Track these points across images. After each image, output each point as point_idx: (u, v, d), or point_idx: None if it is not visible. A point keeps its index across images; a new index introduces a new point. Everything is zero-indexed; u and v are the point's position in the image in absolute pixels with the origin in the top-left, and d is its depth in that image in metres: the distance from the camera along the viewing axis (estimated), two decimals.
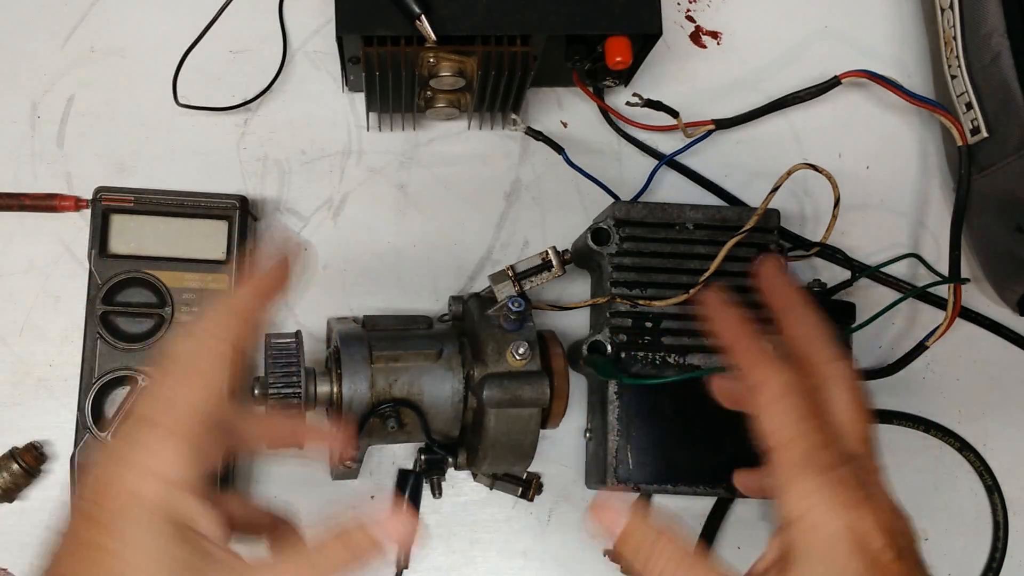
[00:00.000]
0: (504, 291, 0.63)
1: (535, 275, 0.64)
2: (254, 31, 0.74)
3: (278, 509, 0.53)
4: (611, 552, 0.72)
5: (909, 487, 0.74)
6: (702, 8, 0.78)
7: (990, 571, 0.73)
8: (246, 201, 0.69)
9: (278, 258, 0.49)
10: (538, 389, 0.62)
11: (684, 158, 0.75)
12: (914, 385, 0.75)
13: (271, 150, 0.74)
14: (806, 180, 0.74)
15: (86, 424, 0.66)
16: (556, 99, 0.76)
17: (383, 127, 0.74)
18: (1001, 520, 0.74)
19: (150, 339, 0.67)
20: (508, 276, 0.64)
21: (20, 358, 0.71)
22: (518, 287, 0.63)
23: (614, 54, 0.64)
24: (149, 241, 0.68)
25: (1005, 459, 0.74)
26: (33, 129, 0.73)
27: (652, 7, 0.64)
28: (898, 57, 0.78)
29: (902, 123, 0.77)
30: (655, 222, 0.68)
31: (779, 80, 0.76)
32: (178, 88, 0.71)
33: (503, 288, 0.63)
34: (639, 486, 0.67)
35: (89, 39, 0.74)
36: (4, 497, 0.68)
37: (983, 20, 0.69)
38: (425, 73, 0.65)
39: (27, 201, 0.71)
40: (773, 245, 0.68)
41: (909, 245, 0.76)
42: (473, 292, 0.68)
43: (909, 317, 0.75)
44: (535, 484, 0.71)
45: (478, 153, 0.75)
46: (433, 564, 0.71)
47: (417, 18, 0.61)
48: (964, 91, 0.71)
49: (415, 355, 0.63)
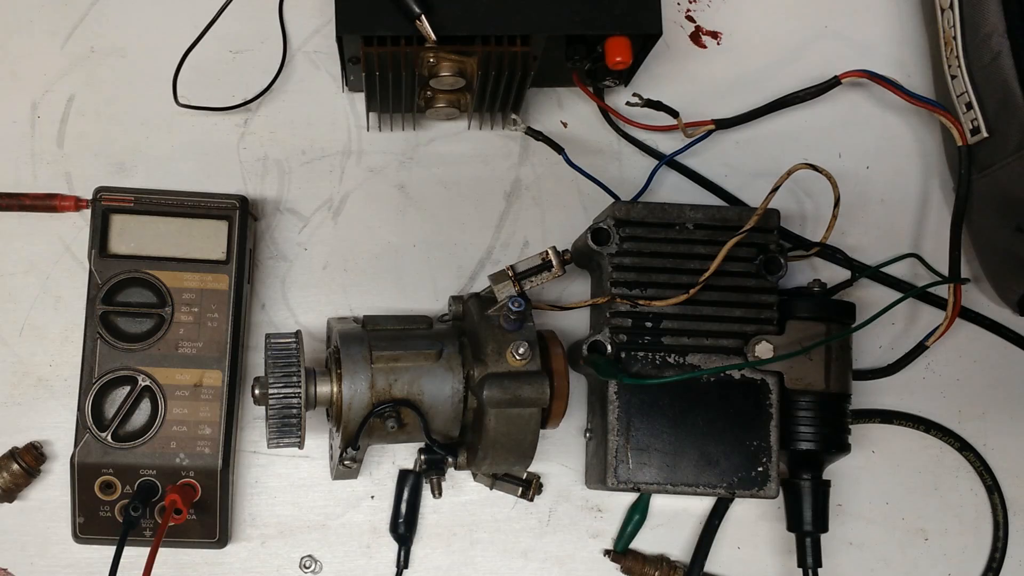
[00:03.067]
0: (504, 291, 0.63)
1: (535, 275, 0.64)
2: (254, 31, 0.74)
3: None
4: (611, 552, 0.72)
5: (909, 487, 0.74)
6: (702, 8, 0.78)
7: (990, 571, 0.73)
8: (246, 201, 0.69)
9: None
10: (538, 389, 0.62)
11: (684, 158, 0.75)
12: (914, 385, 0.75)
13: (271, 150, 0.74)
14: (806, 180, 0.74)
15: (86, 424, 0.66)
16: (556, 99, 0.76)
17: (383, 127, 0.74)
18: (1001, 520, 0.74)
19: (150, 339, 0.67)
20: (508, 276, 0.63)
21: (20, 358, 0.71)
22: (518, 287, 0.63)
23: (614, 54, 0.64)
24: (149, 241, 0.68)
25: (1005, 459, 0.74)
26: (33, 129, 0.73)
27: (652, 7, 0.64)
28: (898, 57, 0.78)
29: (902, 123, 0.77)
30: (655, 222, 0.68)
31: (779, 80, 0.76)
32: (178, 88, 0.71)
33: (503, 288, 0.63)
34: (639, 486, 0.67)
35: (89, 39, 0.74)
36: (4, 497, 0.68)
37: (983, 20, 0.69)
38: (425, 73, 0.65)
39: (27, 201, 0.71)
40: (773, 245, 0.68)
41: (909, 245, 0.76)
42: (473, 292, 0.68)
43: (909, 317, 0.75)
44: (535, 484, 0.71)
45: (478, 153, 0.75)
46: (433, 564, 0.71)
47: (417, 18, 0.61)
48: (964, 91, 0.71)
49: (415, 355, 0.63)
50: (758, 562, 0.73)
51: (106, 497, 0.66)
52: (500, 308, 0.63)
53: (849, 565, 0.73)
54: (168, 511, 0.63)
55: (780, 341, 0.67)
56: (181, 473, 0.66)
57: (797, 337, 0.67)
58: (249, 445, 0.71)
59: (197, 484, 0.66)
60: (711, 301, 0.68)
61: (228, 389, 0.67)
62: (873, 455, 0.74)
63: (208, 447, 0.67)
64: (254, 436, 0.71)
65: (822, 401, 0.68)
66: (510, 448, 0.63)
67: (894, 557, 0.74)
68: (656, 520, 0.72)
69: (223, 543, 0.68)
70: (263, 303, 0.72)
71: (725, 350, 0.68)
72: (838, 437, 0.68)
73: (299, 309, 0.72)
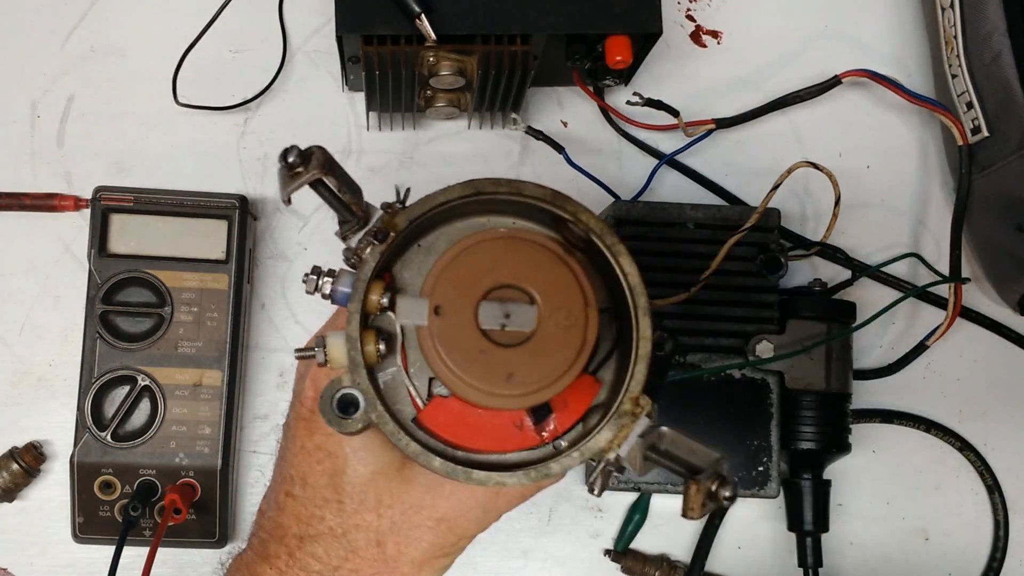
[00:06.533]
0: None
1: None
2: (254, 31, 0.74)
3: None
4: (611, 552, 0.72)
5: (909, 487, 0.74)
6: (702, 7, 0.77)
7: (990, 571, 0.73)
8: (246, 201, 0.69)
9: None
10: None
11: (684, 157, 0.75)
12: (914, 385, 0.75)
13: (271, 150, 0.74)
14: (806, 179, 0.74)
15: (86, 424, 0.66)
16: (556, 98, 0.76)
17: (383, 127, 0.73)
18: (1001, 520, 0.74)
19: (150, 339, 0.67)
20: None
21: (20, 358, 0.71)
22: None
23: (614, 53, 0.64)
24: (149, 241, 0.68)
25: (1005, 459, 0.74)
26: (33, 129, 0.73)
27: (652, 6, 0.64)
28: (898, 56, 0.78)
29: (902, 122, 0.77)
30: (655, 221, 0.68)
31: (779, 79, 0.76)
32: (178, 88, 0.71)
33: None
34: (639, 486, 0.67)
35: (89, 39, 0.74)
36: (4, 497, 0.68)
37: (984, 19, 0.69)
38: (425, 72, 0.65)
39: (27, 201, 0.71)
40: (773, 244, 0.68)
41: (909, 244, 0.76)
42: None
43: (909, 317, 0.75)
44: None
45: (478, 153, 0.75)
46: None
47: (417, 17, 0.60)
48: (965, 90, 0.71)
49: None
50: (758, 562, 0.73)
51: (106, 497, 0.66)
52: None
53: (849, 565, 0.73)
54: (168, 511, 0.63)
55: (780, 340, 0.67)
56: (181, 473, 0.66)
57: (797, 336, 0.67)
58: (249, 445, 0.71)
59: (197, 484, 0.66)
60: (711, 300, 0.67)
61: (228, 389, 0.67)
62: (873, 455, 0.74)
63: (208, 447, 0.67)
64: (254, 436, 0.71)
65: (823, 401, 0.68)
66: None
67: (894, 557, 0.73)
68: (656, 520, 0.72)
69: (223, 543, 0.68)
70: (263, 303, 0.72)
71: (725, 349, 0.67)
72: (839, 437, 0.68)
73: (299, 309, 0.72)
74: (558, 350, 0.43)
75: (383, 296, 0.45)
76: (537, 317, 0.43)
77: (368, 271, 0.45)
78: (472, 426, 0.46)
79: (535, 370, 0.43)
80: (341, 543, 0.51)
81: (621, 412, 0.44)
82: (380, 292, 0.45)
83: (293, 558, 0.51)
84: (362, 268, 0.45)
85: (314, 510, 0.51)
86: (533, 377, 0.43)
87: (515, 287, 0.44)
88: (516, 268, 0.44)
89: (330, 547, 0.51)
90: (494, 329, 0.43)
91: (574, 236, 0.46)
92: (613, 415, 0.44)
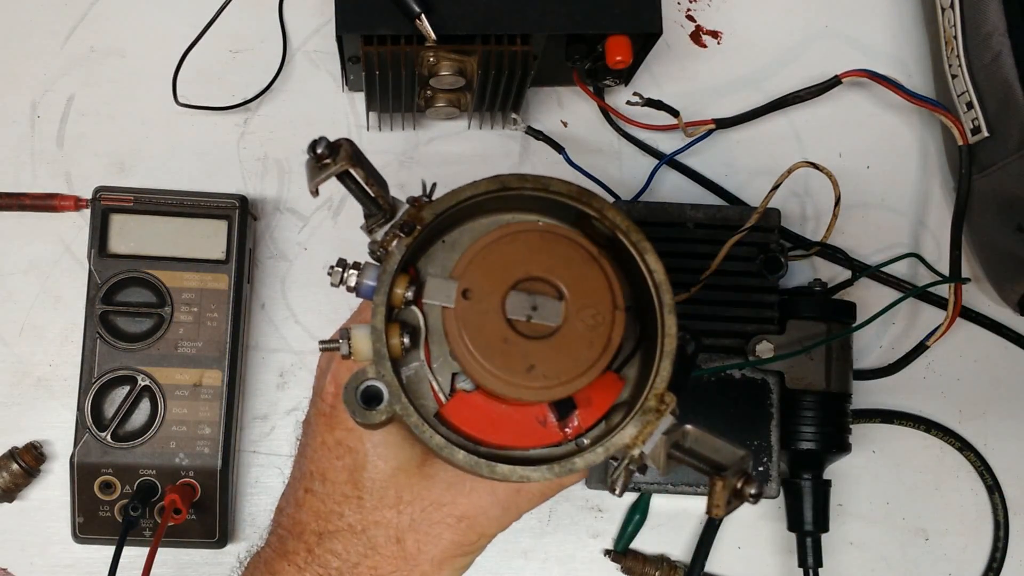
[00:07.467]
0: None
1: None
2: (254, 31, 0.74)
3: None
4: (611, 552, 0.72)
5: (909, 487, 0.74)
6: (702, 7, 0.77)
7: (990, 571, 0.73)
8: (246, 201, 0.69)
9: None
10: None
11: (684, 157, 0.75)
12: (914, 385, 0.75)
13: (271, 150, 0.74)
14: (807, 179, 0.74)
15: (85, 424, 0.66)
16: (556, 98, 0.76)
17: (383, 127, 0.73)
18: (1001, 520, 0.74)
19: (150, 339, 0.67)
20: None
21: (20, 358, 0.71)
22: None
23: (614, 53, 0.64)
24: (149, 241, 0.68)
25: (1005, 459, 0.74)
26: (33, 129, 0.73)
27: (652, 6, 0.64)
28: (898, 57, 0.78)
29: (902, 122, 0.77)
30: (655, 221, 0.68)
31: (779, 79, 0.76)
32: (178, 88, 0.71)
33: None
34: (639, 486, 0.67)
35: (89, 39, 0.74)
36: (4, 497, 0.68)
37: (984, 19, 0.69)
38: (425, 72, 0.65)
39: (27, 201, 0.71)
40: (774, 244, 0.68)
41: (909, 245, 0.76)
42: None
43: (909, 317, 0.75)
44: None
45: (478, 153, 0.75)
46: None
47: (417, 17, 0.60)
48: (965, 90, 0.71)
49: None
50: (758, 562, 0.73)
51: (106, 497, 0.66)
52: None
53: (850, 565, 0.73)
54: (168, 511, 0.63)
55: (781, 340, 0.67)
56: (181, 473, 0.66)
57: (798, 337, 0.67)
58: (249, 445, 0.71)
59: (197, 484, 0.66)
60: (711, 300, 0.67)
61: (228, 389, 0.67)
62: (874, 455, 0.74)
63: (208, 447, 0.67)
64: (254, 436, 0.71)
65: (823, 401, 0.68)
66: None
67: (894, 557, 0.73)
68: (656, 520, 0.72)
69: (223, 543, 0.68)
70: (263, 303, 0.72)
71: (726, 349, 0.67)
72: (839, 437, 0.68)
73: (299, 309, 0.72)
74: (582, 348, 0.43)
75: (408, 290, 0.45)
76: (564, 313, 0.43)
77: (394, 263, 0.44)
78: (495, 421, 0.46)
79: (556, 365, 0.42)
80: (360, 540, 0.51)
81: (646, 408, 0.43)
82: (405, 286, 0.45)
83: (312, 555, 0.51)
84: (388, 260, 0.45)
85: (333, 506, 0.51)
86: (553, 371, 0.42)
87: (546, 281, 0.44)
88: (549, 262, 0.44)
89: (349, 544, 0.51)
90: (520, 320, 0.43)
91: (596, 233, 0.46)
92: (638, 411, 0.43)
